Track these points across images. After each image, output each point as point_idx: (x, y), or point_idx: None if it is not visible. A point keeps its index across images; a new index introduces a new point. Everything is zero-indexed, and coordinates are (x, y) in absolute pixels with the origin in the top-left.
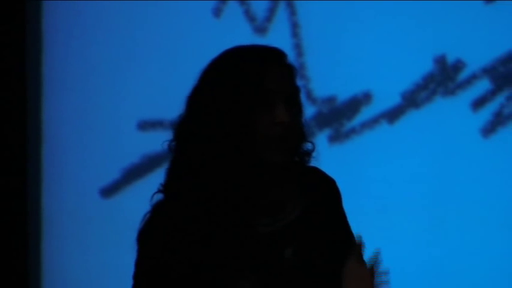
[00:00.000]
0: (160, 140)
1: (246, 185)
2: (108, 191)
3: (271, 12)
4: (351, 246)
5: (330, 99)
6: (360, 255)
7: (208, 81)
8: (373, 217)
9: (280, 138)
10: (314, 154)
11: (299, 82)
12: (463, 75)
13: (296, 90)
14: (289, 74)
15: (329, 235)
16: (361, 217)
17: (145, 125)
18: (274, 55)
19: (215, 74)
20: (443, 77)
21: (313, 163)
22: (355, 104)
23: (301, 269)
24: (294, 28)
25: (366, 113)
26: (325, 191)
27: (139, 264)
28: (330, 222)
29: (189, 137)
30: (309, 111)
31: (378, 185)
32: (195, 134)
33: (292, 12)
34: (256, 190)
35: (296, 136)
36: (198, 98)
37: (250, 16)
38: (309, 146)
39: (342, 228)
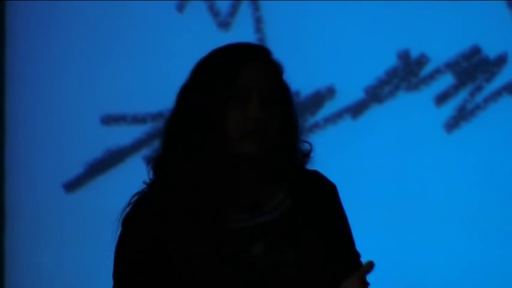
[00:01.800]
0: (123, 135)
1: (219, 178)
2: (72, 186)
3: (234, 8)
4: (349, 255)
5: (293, 94)
6: (363, 278)
7: (191, 77)
8: None
9: (251, 132)
10: (311, 155)
11: None
12: (426, 70)
13: (276, 87)
14: (268, 71)
15: (315, 239)
16: None
17: (108, 120)
18: (253, 51)
19: (197, 70)
20: (407, 72)
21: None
22: (319, 99)
23: (268, 266)
24: (257, 23)
25: (329, 108)
26: (322, 195)
27: (120, 247)
28: (321, 228)
29: (171, 131)
30: None
31: (340, 180)
32: (176, 128)
33: (255, 7)
34: (231, 185)
35: (270, 132)
36: (181, 94)
37: (213, 11)
38: (306, 146)
39: (337, 235)
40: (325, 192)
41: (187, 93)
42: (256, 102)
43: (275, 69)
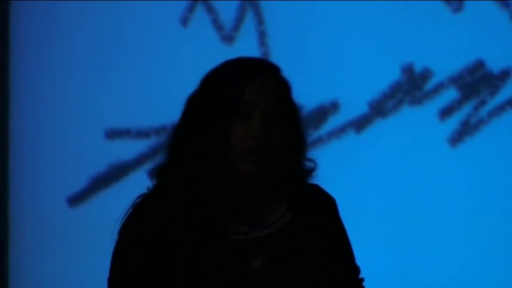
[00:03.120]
0: (127, 149)
1: (219, 191)
2: (76, 200)
3: (238, 22)
4: (349, 270)
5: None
6: None
7: (199, 87)
8: None
9: (251, 150)
10: (314, 172)
11: None
12: (430, 84)
13: (281, 104)
14: (274, 88)
15: (314, 254)
16: None
17: (112, 134)
18: (261, 67)
19: (205, 81)
20: (411, 86)
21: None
22: (322, 113)
23: (265, 281)
24: (261, 37)
25: (332, 122)
26: (322, 210)
27: (118, 251)
28: (321, 242)
29: (176, 141)
30: None
31: (344, 194)
32: (181, 138)
33: (259, 21)
34: (231, 198)
35: (270, 150)
36: (188, 105)
37: (217, 25)
38: (310, 164)
39: (337, 250)
40: (325, 207)
41: (194, 103)
42: (259, 120)
43: (282, 87)
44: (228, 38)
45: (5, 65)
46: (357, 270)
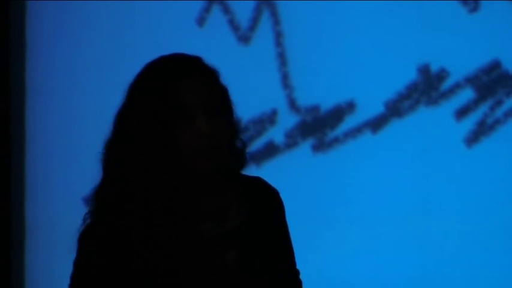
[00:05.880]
0: None
1: (180, 193)
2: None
3: (254, 22)
4: (289, 260)
5: (314, 108)
6: None
7: (130, 99)
8: (355, 226)
9: (205, 149)
10: (247, 153)
11: (283, 91)
12: (446, 84)
13: (218, 94)
14: (206, 82)
15: (269, 245)
16: (343, 226)
17: None
18: (189, 66)
19: (135, 91)
20: (427, 86)
21: (293, 173)
22: (339, 113)
23: (243, 273)
24: (278, 37)
25: (349, 122)
26: (269, 202)
27: (78, 265)
28: (272, 233)
29: (118, 155)
30: (292, 120)
31: (360, 194)
32: (123, 152)
33: (275, 21)
34: (193, 197)
35: (222, 143)
36: (121, 116)
37: (234, 25)
38: (239, 144)
39: (282, 242)
40: (273, 200)
41: (129, 114)
42: (203, 118)
43: (213, 77)
44: (244, 39)
45: (23, 65)
46: (297, 272)
